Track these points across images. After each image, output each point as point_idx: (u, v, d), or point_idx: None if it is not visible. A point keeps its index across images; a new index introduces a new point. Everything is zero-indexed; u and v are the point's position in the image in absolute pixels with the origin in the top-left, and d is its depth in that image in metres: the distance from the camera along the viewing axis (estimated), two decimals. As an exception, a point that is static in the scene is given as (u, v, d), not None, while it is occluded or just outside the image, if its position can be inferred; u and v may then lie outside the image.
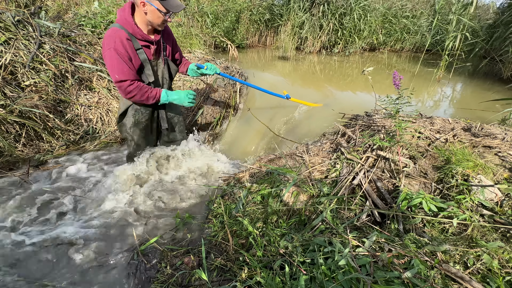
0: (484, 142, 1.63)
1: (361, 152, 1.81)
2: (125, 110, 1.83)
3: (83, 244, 1.53)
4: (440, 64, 4.60)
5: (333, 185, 1.64)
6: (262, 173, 1.90)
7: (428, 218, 1.23)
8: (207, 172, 2.24)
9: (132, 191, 1.95)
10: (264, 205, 1.59)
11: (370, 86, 4.10)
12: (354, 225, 1.36)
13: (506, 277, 0.93)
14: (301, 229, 1.39)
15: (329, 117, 2.99)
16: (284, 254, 1.14)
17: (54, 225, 1.68)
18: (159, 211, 1.83)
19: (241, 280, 1.07)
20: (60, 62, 2.53)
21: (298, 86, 4.12)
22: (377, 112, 2.53)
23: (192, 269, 1.30)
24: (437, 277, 0.93)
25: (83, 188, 2.03)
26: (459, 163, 1.42)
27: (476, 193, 1.27)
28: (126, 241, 1.58)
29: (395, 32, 6.97)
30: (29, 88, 2.32)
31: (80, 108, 2.57)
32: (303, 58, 6.10)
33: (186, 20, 5.08)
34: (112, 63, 1.52)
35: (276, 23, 6.44)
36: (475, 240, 1.12)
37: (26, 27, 2.55)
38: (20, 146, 2.23)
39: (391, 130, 1.91)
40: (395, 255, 1.01)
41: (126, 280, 1.34)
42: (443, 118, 2.12)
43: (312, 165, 1.84)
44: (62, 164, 2.22)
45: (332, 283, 0.92)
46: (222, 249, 1.41)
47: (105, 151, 2.48)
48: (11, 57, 2.30)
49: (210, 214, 1.74)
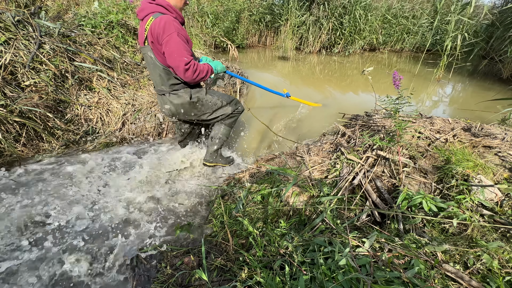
0: (484, 142, 1.64)
1: (361, 152, 1.81)
2: (189, 98, 1.81)
3: (83, 244, 1.53)
4: (440, 64, 4.60)
5: (333, 185, 1.64)
6: (262, 173, 1.91)
7: (428, 218, 1.23)
8: (207, 172, 2.24)
9: (134, 191, 1.95)
10: (264, 205, 1.59)
11: (370, 86, 4.10)
12: (354, 225, 1.36)
13: (506, 277, 0.93)
14: (301, 229, 1.39)
15: (329, 117, 2.99)
16: (284, 254, 1.14)
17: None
18: (160, 211, 1.83)
19: (241, 280, 1.07)
20: (60, 62, 2.53)
21: (298, 86, 4.12)
22: (377, 112, 2.53)
23: (192, 269, 1.30)
24: (437, 277, 0.93)
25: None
26: (459, 163, 1.42)
27: (476, 193, 1.27)
28: (126, 241, 1.58)
29: (394, 32, 6.97)
30: (29, 88, 2.32)
31: (80, 108, 2.57)
32: (303, 58, 6.10)
33: (186, 20, 5.09)
34: (179, 47, 1.52)
35: (276, 23, 6.44)
36: (475, 240, 1.12)
37: (26, 27, 2.55)
38: (20, 146, 2.23)
39: (391, 130, 1.91)
40: (395, 255, 1.01)
41: (126, 280, 1.34)
42: (443, 118, 2.12)
43: (312, 165, 1.84)
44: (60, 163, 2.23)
45: (332, 283, 0.92)
46: (222, 249, 1.41)
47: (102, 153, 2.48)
48: (11, 57, 2.30)
49: (210, 214, 1.74)
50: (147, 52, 1.65)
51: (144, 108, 2.80)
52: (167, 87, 1.76)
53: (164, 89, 1.77)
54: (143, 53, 1.69)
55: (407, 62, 6.34)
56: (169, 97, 1.80)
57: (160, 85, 1.76)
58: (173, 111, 1.87)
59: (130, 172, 2.19)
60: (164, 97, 1.82)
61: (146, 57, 1.68)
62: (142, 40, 1.65)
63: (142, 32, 1.62)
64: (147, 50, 1.64)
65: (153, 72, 1.73)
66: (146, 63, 1.73)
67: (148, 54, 1.64)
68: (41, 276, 1.34)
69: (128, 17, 3.83)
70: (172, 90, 1.78)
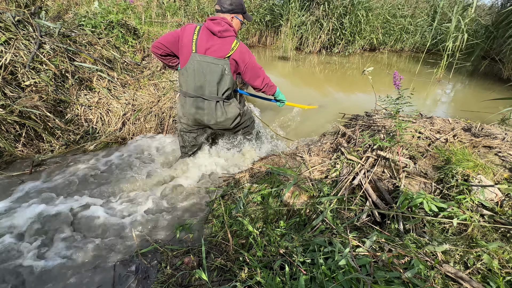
0: (484, 142, 1.63)
1: (361, 152, 1.81)
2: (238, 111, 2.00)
3: (82, 244, 1.53)
4: (440, 64, 4.60)
5: (333, 185, 1.64)
6: (262, 173, 1.91)
7: (428, 218, 1.23)
8: (207, 172, 2.24)
9: (135, 192, 1.95)
10: (264, 205, 1.59)
11: (370, 86, 4.10)
12: (354, 225, 1.36)
13: (506, 277, 0.93)
14: (301, 229, 1.39)
15: (329, 117, 2.99)
16: (284, 254, 1.14)
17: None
18: (160, 211, 1.83)
19: (241, 280, 1.07)
20: (60, 62, 2.53)
21: (298, 86, 4.12)
22: (377, 112, 2.53)
23: (192, 269, 1.30)
24: (437, 277, 0.93)
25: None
26: (459, 163, 1.42)
27: (476, 193, 1.27)
28: (126, 241, 1.58)
29: (394, 32, 6.97)
30: (29, 88, 2.32)
31: (80, 108, 2.57)
32: (303, 58, 6.10)
33: (186, 20, 5.09)
34: (257, 63, 1.88)
35: (276, 23, 6.44)
36: (475, 240, 1.12)
37: (26, 27, 2.55)
38: (20, 146, 2.23)
39: (391, 130, 1.91)
40: (395, 255, 1.01)
41: (126, 281, 1.34)
42: (443, 118, 2.12)
43: (312, 165, 1.83)
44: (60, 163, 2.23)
45: (332, 283, 0.92)
46: (222, 249, 1.41)
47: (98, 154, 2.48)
48: (11, 57, 2.29)
49: (210, 214, 1.74)
50: (220, 63, 1.74)
51: (144, 108, 2.80)
52: (221, 95, 1.86)
53: (218, 97, 1.86)
54: (203, 61, 1.74)
55: (407, 62, 6.34)
56: (224, 105, 1.92)
57: (215, 93, 1.83)
58: (222, 119, 1.95)
59: (130, 172, 2.19)
60: (217, 104, 1.89)
61: (210, 65, 1.74)
62: (217, 53, 1.73)
63: (220, 46, 1.73)
64: (223, 62, 1.74)
65: (212, 80, 1.78)
66: (202, 70, 1.76)
67: (221, 65, 1.74)
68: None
69: (128, 17, 3.83)
70: (224, 99, 1.90)
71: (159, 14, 4.75)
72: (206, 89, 1.81)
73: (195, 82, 1.79)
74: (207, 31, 1.73)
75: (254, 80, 1.93)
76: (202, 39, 1.73)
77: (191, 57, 1.73)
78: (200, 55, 1.73)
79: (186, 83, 1.82)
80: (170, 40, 1.78)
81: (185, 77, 1.80)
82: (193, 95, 1.84)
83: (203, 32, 1.73)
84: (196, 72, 1.76)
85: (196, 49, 1.72)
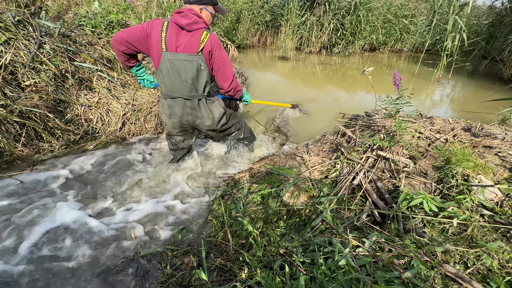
0: (484, 142, 1.63)
1: (361, 152, 1.81)
2: (223, 111, 1.96)
3: (81, 245, 1.53)
4: (440, 64, 4.59)
5: (333, 185, 1.64)
6: (262, 173, 1.90)
7: (428, 218, 1.23)
8: (207, 173, 2.24)
9: (136, 191, 1.95)
10: (264, 205, 1.59)
11: (370, 86, 4.09)
12: (354, 225, 1.36)
13: (506, 277, 0.93)
14: (301, 229, 1.39)
15: (329, 117, 2.99)
16: (284, 254, 1.14)
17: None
18: (159, 211, 1.83)
19: (241, 280, 1.07)
20: (60, 62, 2.53)
21: (298, 86, 4.12)
22: (377, 112, 2.53)
23: (192, 269, 1.30)
24: (437, 277, 0.93)
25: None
26: (459, 163, 1.42)
27: (476, 193, 1.27)
28: (126, 241, 1.58)
29: (394, 32, 6.97)
30: (29, 88, 2.32)
31: (80, 108, 2.57)
32: (303, 58, 6.10)
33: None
34: (229, 60, 1.76)
35: (277, 23, 6.44)
36: (475, 240, 1.11)
37: (26, 27, 2.55)
38: (20, 146, 2.23)
39: (391, 130, 1.91)
40: (395, 255, 1.01)
41: (126, 281, 1.34)
42: (443, 118, 2.12)
43: (312, 165, 1.83)
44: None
45: (332, 283, 0.92)
46: (222, 249, 1.41)
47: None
48: (11, 57, 2.30)
49: (210, 214, 1.74)
50: (194, 59, 1.65)
51: (144, 108, 2.80)
52: (201, 92, 1.80)
53: (199, 95, 1.80)
54: (176, 59, 1.64)
55: (407, 62, 6.33)
56: (207, 104, 1.87)
57: (195, 91, 1.77)
58: (209, 119, 1.90)
59: (130, 172, 2.19)
60: (200, 102, 1.83)
61: (184, 63, 1.65)
62: (189, 49, 1.63)
63: (190, 41, 1.62)
64: (197, 58, 1.65)
65: (188, 77, 1.69)
66: (177, 69, 1.67)
67: (195, 62, 1.65)
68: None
69: (128, 17, 3.83)
70: (206, 96, 1.85)
71: (159, 14, 4.75)
72: (185, 88, 1.72)
73: (172, 82, 1.71)
74: (175, 26, 1.61)
75: (224, 81, 1.81)
76: (171, 36, 1.61)
77: (163, 56, 1.62)
78: (171, 53, 1.62)
79: (163, 84, 1.74)
80: (136, 37, 1.63)
81: (161, 79, 1.71)
82: (173, 96, 1.76)
83: (171, 27, 1.61)
84: (171, 72, 1.66)
85: (166, 48, 1.61)
